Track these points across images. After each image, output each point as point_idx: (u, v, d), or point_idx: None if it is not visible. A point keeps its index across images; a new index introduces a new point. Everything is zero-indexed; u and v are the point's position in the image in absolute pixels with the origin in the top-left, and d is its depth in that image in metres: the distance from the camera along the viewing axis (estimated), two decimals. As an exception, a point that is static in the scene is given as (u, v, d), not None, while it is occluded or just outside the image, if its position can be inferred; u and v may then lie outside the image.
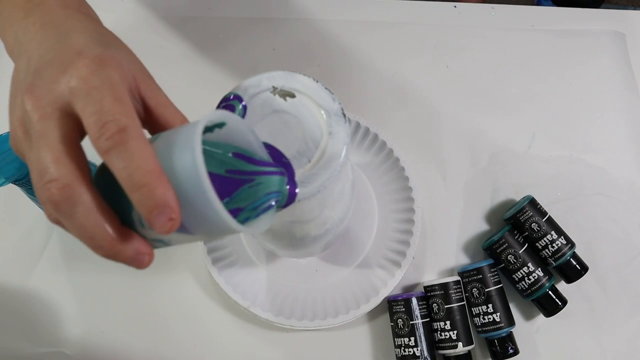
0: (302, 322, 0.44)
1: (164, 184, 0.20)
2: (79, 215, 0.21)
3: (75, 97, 0.22)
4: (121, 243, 0.22)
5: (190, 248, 0.49)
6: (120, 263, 0.23)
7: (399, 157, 0.49)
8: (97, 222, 0.21)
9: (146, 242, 0.23)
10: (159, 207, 0.20)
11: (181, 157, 0.21)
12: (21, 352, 0.46)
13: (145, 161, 0.20)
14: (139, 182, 0.20)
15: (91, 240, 0.22)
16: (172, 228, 0.21)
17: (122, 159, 0.20)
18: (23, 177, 0.39)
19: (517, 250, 0.45)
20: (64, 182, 0.21)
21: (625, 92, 0.56)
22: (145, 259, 0.23)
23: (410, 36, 0.57)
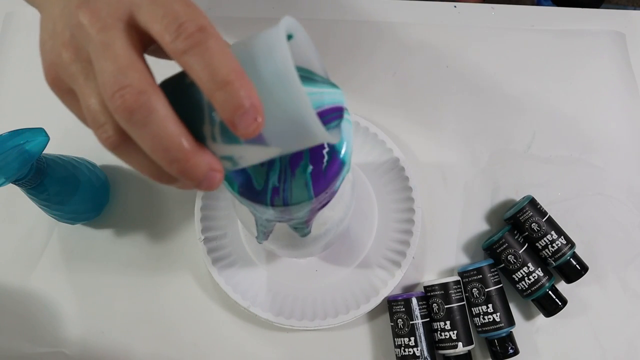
0: (302, 322, 0.44)
1: (248, 82, 0.19)
2: (155, 124, 0.20)
3: (139, 7, 0.21)
4: (196, 156, 0.21)
5: (190, 248, 0.49)
6: (191, 181, 0.21)
7: (399, 157, 0.49)
8: (174, 132, 0.20)
9: (218, 160, 0.22)
10: (244, 106, 0.19)
11: (264, 54, 0.20)
12: (21, 352, 0.46)
13: (228, 60, 0.19)
14: (223, 80, 0.19)
15: (166, 153, 0.20)
16: (257, 129, 0.19)
17: (204, 58, 0.19)
18: (23, 177, 0.39)
19: (517, 250, 0.45)
20: (139, 88, 0.20)
21: (625, 92, 0.56)
22: (217, 176, 0.21)
23: (410, 36, 0.57)
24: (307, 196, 0.27)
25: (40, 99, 0.54)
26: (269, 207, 0.28)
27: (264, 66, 0.20)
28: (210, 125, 0.21)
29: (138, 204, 0.50)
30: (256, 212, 0.31)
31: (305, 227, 0.35)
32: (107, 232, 0.50)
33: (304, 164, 0.28)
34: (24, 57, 0.56)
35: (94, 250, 0.49)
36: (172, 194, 0.51)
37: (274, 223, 0.34)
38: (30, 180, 0.40)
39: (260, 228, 0.36)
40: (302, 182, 0.28)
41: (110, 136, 0.21)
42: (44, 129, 0.38)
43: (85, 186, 0.45)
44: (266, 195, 0.28)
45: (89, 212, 0.48)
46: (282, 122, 0.20)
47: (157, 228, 0.50)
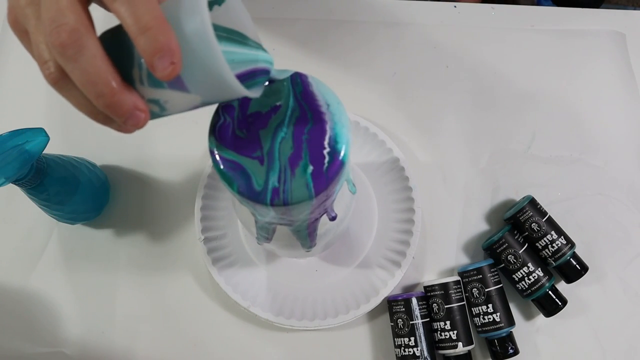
0: (302, 322, 0.44)
1: (168, 29, 0.22)
2: (85, 59, 0.22)
3: None
4: (122, 93, 0.23)
5: (191, 248, 0.49)
6: (117, 118, 0.24)
7: (399, 157, 0.49)
8: (102, 68, 0.22)
9: (143, 101, 0.24)
10: (162, 50, 0.21)
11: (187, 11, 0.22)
12: (21, 352, 0.46)
13: (151, 8, 0.22)
14: (145, 25, 0.21)
15: (93, 86, 0.23)
16: (173, 72, 0.22)
17: (130, 4, 0.22)
18: (23, 177, 0.39)
19: (517, 250, 0.45)
20: (73, 27, 0.22)
21: (625, 92, 0.56)
22: (142, 116, 0.24)
23: (410, 36, 0.57)
24: (307, 195, 0.28)
25: (40, 99, 0.54)
26: (269, 207, 0.28)
27: (186, 23, 0.22)
28: (138, 70, 0.24)
29: (138, 204, 0.50)
30: (257, 213, 0.31)
31: (308, 237, 0.35)
32: (107, 232, 0.50)
33: (303, 163, 0.28)
34: (24, 57, 0.55)
35: (94, 250, 0.49)
36: (172, 194, 0.51)
37: (275, 226, 0.34)
38: (30, 180, 0.40)
39: (261, 232, 0.36)
40: (303, 182, 0.28)
41: (52, 72, 0.23)
42: (44, 129, 0.38)
43: (85, 186, 0.45)
44: (266, 195, 0.28)
45: (89, 212, 0.48)
46: (200, 73, 0.23)
47: (157, 228, 0.50)
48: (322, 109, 0.29)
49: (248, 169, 0.28)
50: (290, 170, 0.28)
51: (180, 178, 0.51)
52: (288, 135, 0.29)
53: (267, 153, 0.28)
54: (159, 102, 0.25)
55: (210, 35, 0.22)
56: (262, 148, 0.28)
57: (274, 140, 0.29)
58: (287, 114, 0.29)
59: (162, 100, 0.25)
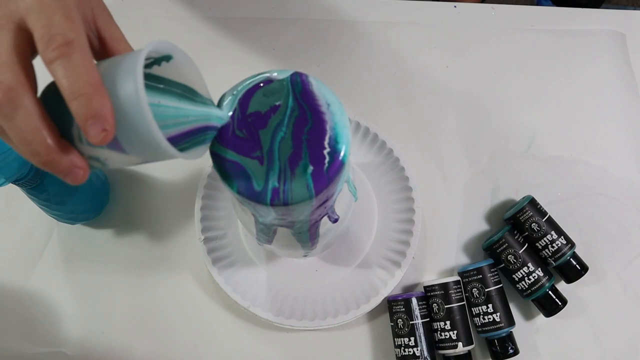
0: (302, 322, 0.44)
1: (102, 95, 0.22)
2: (19, 119, 0.22)
3: (28, 12, 0.23)
4: (58, 152, 0.23)
5: (191, 248, 0.49)
6: (56, 174, 0.24)
7: (399, 157, 0.49)
8: (36, 127, 0.22)
9: (82, 158, 0.24)
10: (94, 116, 0.21)
11: (123, 75, 0.22)
12: (21, 352, 0.46)
13: (86, 73, 0.22)
14: (79, 91, 0.21)
15: (29, 145, 0.23)
16: (105, 139, 0.22)
17: (65, 69, 0.22)
18: (23, 177, 0.39)
19: (517, 250, 0.45)
20: (8, 85, 0.22)
21: (625, 92, 0.56)
22: (80, 173, 0.24)
23: (410, 36, 0.57)
24: (308, 195, 0.28)
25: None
26: (269, 207, 0.28)
27: (121, 87, 0.22)
28: (77, 128, 0.24)
29: (138, 204, 0.50)
30: (257, 214, 0.31)
31: (309, 240, 0.35)
32: (107, 232, 0.50)
33: (303, 163, 0.28)
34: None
35: (94, 250, 0.49)
36: (172, 194, 0.51)
37: (276, 228, 0.34)
38: (30, 180, 0.40)
39: (262, 234, 0.36)
40: (303, 182, 0.28)
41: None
42: (44, 129, 0.38)
43: (85, 186, 0.45)
44: (266, 195, 0.28)
45: (89, 212, 0.48)
46: (135, 137, 0.23)
47: (157, 228, 0.50)
48: (322, 109, 0.29)
49: (248, 169, 0.28)
50: (290, 171, 0.28)
51: (180, 178, 0.51)
52: (287, 134, 0.29)
53: (267, 153, 0.28)
54: (99, 159, 0.25)
55: (142, 102, 0.21)
56: (262, 148, 0.28)
57: (274, 140, 0.29)
58: (286, 113, 0.29)
59: (102, 158, 0.25)
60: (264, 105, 0.30)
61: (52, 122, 0.23)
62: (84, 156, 0.25)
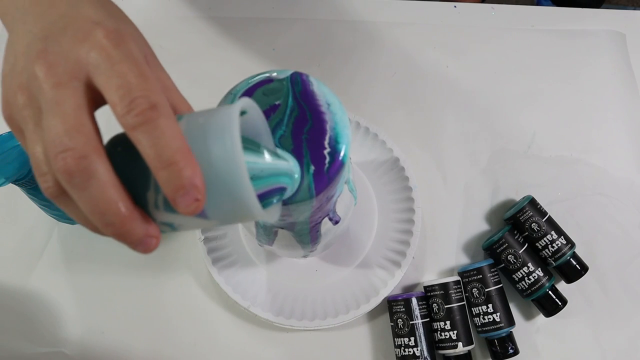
0: (302, 322, 0.44)
1: (193, 164, 0.20)
2: (93, 189, 0.20)
3: (96, 69, 0.21)
4: (132, 222, 0.21)
5: (190, 248, 0.49)
6: (127, 244, 0.22)
7: (399, 157, 0.49)
8: (112, 198, 0.20)
9: (156, 226, 0.22)
10: (185, 187, 0.20)
11: (214, 136, 0.20)
12: (21, 352, 0.46)
13: (175, 140, 0.20)
14: (168, 160, 0.20)
15: (102, 217, 0.21)
16: (196, 209, 0.20)
17: (152, 137, 0.20)
18: (23, 177, 0.39)
19: (517, 250, 0.45)
20: (81, 153, 0.20)
21: (625, 92, 0.56)
22: (153, 242, 0.22)
23: (410, 36, 0.57)
24: (308, 195, 0.27)
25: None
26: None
27: (213, 147, 0.20)
28: (154, 193, 0.22)
29: (138, 204, 0.50)
30: None
31: (310, 242, 0.35)
32: (107, 232, 0.50)
33: (305, 162, 0.28)
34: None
35: (94, 250, 0.49)
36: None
37: (276, 230, 0.34)
38: (30, 180, 0.40)
39: (263, 236, 0.36)
40: (304, 182, 0.28)
41: (50, 187, 0.21)
42: (44, 129, 0.38)
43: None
44: None
45: (89, 212, 0.47)
46: (224, 202, 0.21)
47: (157, 228, 0.50)
48: (322, 108, 0.29)
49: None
50: None
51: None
52: (287, 133, 0.29)
53: None
54: (172, 225, 0.23)
55: (240, 163, 0.20)
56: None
57: (273, 138, 0.29)
58: (286, 112, 0.29)
59: (177, 224, 0.23)
60: (264, 104, 0.29)
61: (125, 190, 0.21)
62: (156, 222, 0.23)
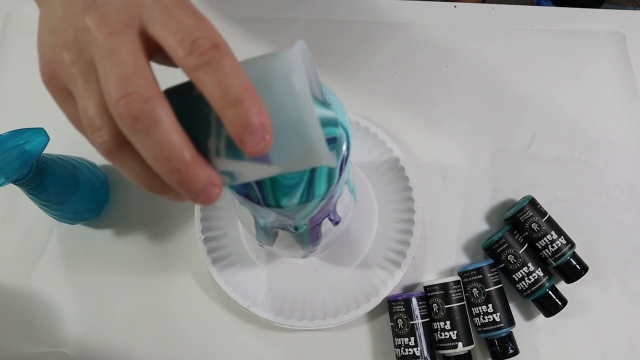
0: (302, 322, 0.44)
1: (259, 102, 0.20)
2: (159, 133, 0.20)
3: (150, 16, 0.21)
4: (196, 168, 0.21)
5: (191, 248, 0.49)
6: (190, 194, 0.21)
7: (399, 157, 0.49)
8: (177, 143, 0.20)
9: (218, 174, 0.22)
10: (253, 125, 0.19)
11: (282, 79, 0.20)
12: (21, 352, 0.46)
13: (240, 79, 0.20)
14: (235, 98, 0.19)
15: (167, 163, 0.20)
16: (264, 148, 0.20)
17: (217, 76, 0.20)
18: (23, 177, 0.39)
19: (517, 250, 0.45)
20: (145, 96, 0.19)
21: (625, 92, 0.56)
22: (215, 190, 0.21)
23: (410, 36, 0.57)
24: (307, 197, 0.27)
25: (41, 99, 0.54)
26: (269, 207, 0.28)
27: (280, 88, 0.20)
28: (216, 139, 0.21)
29: (138, 204, 0.50)
30: (258, 215, 0.31)
31: (311, 243, 0.35)
32: (107, 232, 0.50)
33: None
34: (24, 57, 0.56)
35: (94, 250, 0.49)
36: (172, 194, 0.51)
37: (277, 230, 0.34)
38: (30, 180, 0.40)
39: (263, 237, 0.36)
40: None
41: (106, 141, 0.21)
42: (44, 129, 0.38)
43: (85, 186, 0.45)
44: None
45: (89, 212, 0.48)
46: (290, 143, 0.21)
47: (157, 228, 0.50)
48: None
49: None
50: None
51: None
52: None
53: None
54: (232, 174, 0.23)
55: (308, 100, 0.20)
56: None
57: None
58: None
59: (237, 172, 0.23)
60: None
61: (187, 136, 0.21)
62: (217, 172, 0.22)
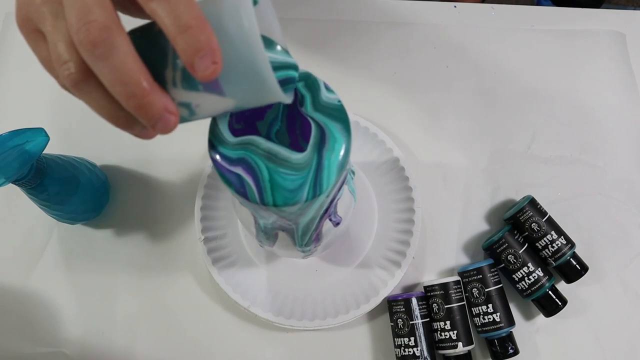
0: (302, 322, 0.44)
1: (209, 29, 0.21)
2: (117, 58, 0.21)
3: None
4: (153, 94, 0.22)
5: (191, 248, 0.49)
6: (147, 121, 0.23)
7: (399, 157, 0.49)
8: (134, 67, 0.22)
9: (175, 103, 0.23)
10: (203, 49, 0.21)
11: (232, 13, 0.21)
12: (21, 352, 0.46)
13: (191, 7, 0.21)
14: (185, 24, 0.21)
15: (124, 87, 0.22)
16: (214, 72, 0.21)
17: (169, 4, 0.21)
18: (23, 177, 0.39)
19: (517, 250, 0.45)
20: (103, 24, 0.21)
21: (625, 92, 0.56)
22: (172, 119, 0.23)
23: (410, 36, 0.57)
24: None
25: (40, 99, 0.54)
26: (269, 206, 0.28)
27: (229, 21, 0.21)
28: (172, 71, 0.23)
29: (138, 204, 0.50)
30: (258, 215, 0.31)
31: (312, 243, 0.35)
32: (107, 232, 0.50)
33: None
34: (24, 57, 0.55)
35: (94, 250, 0.49)
36: (172, 194, 0.51)
37: (277, 232, 0.34)
38: (30, 180, 0.40)
39: (264, 238, 0.36)
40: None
41: (72, 73, 0.22)
42: (44, 129, 0.38)
43: (85, 186, 0.45)
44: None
45: (89, 212, 0.48)
46: (240, 74, 0.22)
47: (157, 228, 0.50)
48: None
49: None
50: None
51: (180, 178, 0.51)
52: (282, 129, 0.29)
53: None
54: (190, 106, 0.24)
55: (255, 34, 0.21)
56: (260, 134, 0.29)
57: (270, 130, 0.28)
58: (280, 109, 0.29)
59: (194, 104, 0.24)
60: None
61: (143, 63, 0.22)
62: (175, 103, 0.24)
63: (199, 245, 0.46)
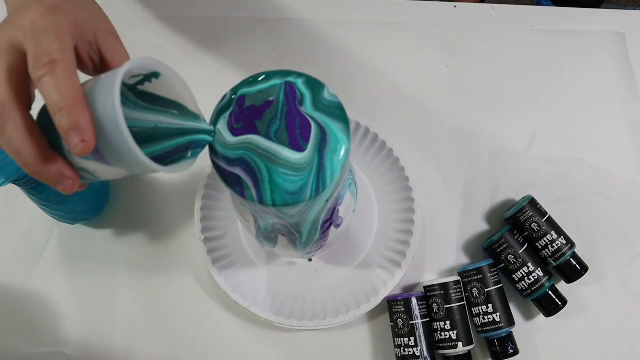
0: (302, 322, 0.44)
1: (82, 108, 0.23)
2: (9, 132, 0.24)
3: (24, 36, 0.25)
4: (45, 163, 0.25)
5: (191, 248, 0.49)
6: (47, 183, 0.26)
7: (399, 157, 0.49)
8: (25, 140, 0.24)
9: (72, 168, 0.26)
10: (74, 127, 0.23)
11: (103, 91, 0.24)
12: (21, 352, 0.46)
13: (69, 88, 0.24)
14: (61, 105, 0.23)
15: (18, 156, 0.25)
16: (85, 149, 0.23)
17: (49, 85, 0.24)
18: (23, 177, 0.39)
19: (517, 250, 0.45)
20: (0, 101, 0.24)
21: (625, 92, 0.56)
22: (69, 182, 0.26)
23: (410, 36, 0.57)
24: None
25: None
26: (269, 206, 0.28)
27: (100, 103, 0.24)
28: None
29: (138, 204, 0.50)
30: (258, 216, 0.31)
31: (314, 251, 0.35)
32: (107, 232, 0.50)
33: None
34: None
35: (94, 250, 0.49)
36: (172, 194, 0.51)
37: (277, 235, 0.34)
38: (30, 180, 0.40)
39: (264, 240, 0.36)
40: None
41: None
42: (44, 129, 0.38)
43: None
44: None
45: (89, 212, 0.48)
46: (115, 151, 0.24)
47: (157, 228, 0.50)
48: None
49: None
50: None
51: (180, 178, 0.51)
52: (282, 127, 0.29)
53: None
54: (88, 171, 0.26)
55: (118, 116, 0.23)
56: (259, 133, 0.29)
57: (269, 129, 0.29)
58: (278, 108, 0.29)
59: (91, 169, 0.26)
60: (259, 100, 0.29)
61: (41, 135, 0.25)
62: (74, 168, 0.26)
63: (199, 245, 0.46)
